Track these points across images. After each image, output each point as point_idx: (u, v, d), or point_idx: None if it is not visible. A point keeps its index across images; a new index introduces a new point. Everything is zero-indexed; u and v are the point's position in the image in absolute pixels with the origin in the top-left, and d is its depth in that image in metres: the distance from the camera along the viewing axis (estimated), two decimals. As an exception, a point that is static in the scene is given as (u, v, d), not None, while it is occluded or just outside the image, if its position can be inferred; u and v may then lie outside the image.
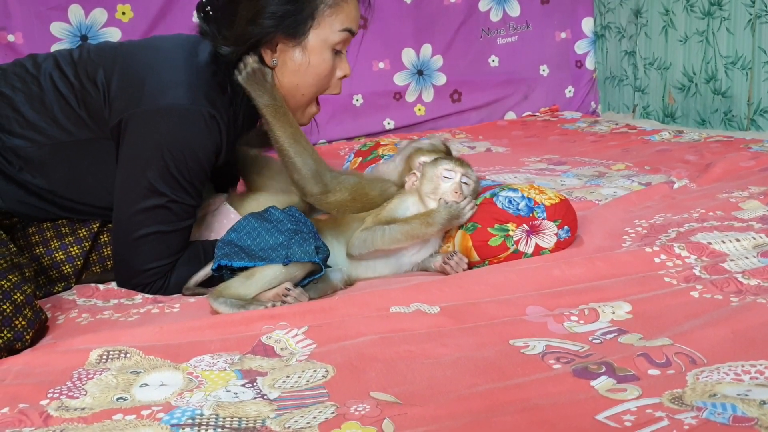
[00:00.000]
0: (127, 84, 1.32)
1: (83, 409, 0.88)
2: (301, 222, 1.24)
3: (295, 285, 1.21)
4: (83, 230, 1.43)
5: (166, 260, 1.34)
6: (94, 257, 1.44)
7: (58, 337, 1.17)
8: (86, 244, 1.42)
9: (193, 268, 1.34)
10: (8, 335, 1.08)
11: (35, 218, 1.39)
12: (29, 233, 1.39)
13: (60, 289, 1.40)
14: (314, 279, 1.23)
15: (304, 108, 1.46)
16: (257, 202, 1.45)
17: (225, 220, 1.46)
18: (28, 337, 1.11)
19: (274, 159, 1.50)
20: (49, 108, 1.34)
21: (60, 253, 1.40)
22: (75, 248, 1.42)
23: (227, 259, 1.21)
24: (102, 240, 1.45)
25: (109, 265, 1.46)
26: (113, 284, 1.41)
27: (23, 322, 1.10)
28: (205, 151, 1.32)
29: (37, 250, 1.39)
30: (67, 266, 1.41)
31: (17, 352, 1.10)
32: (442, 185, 1.31)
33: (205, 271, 1.32)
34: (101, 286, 1.40)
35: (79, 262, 1.41)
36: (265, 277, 1.20)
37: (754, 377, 0.84)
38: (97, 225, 1.44)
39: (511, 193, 1.34)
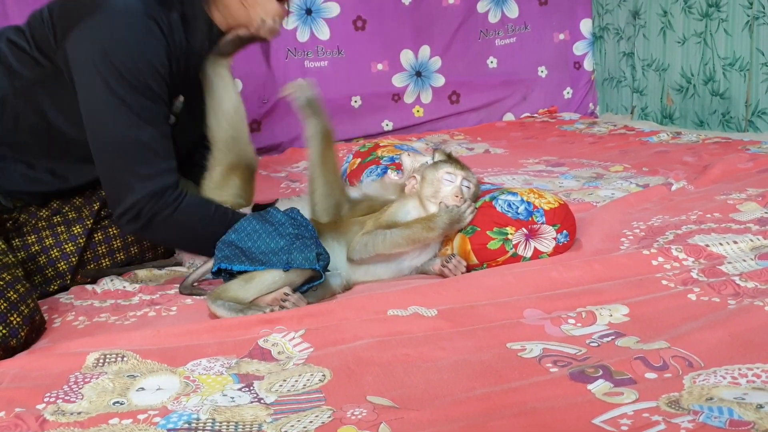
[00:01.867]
0: (67, 7, 1.32)
1: (80, 413, 0.87)
2: (303, 226, 1.24)
3: (294, 290, 1.20)
4: (77, 227, 1.44)
5: (159, 163, 1.28)
6: (89, 255, 1.45)
7: (55, 340, 1.17)
8: (80, 240, 1.44)
9: (203, 208, 1.31)
10: (3, 331, 1.08)
11: (19, 193, 1.39)
12: (24, 232, 1.40)
13: (56, 287, 1.42)
14: (313, 286, 1.23)
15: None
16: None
17: None
18: (23, 333, 1.11)
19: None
20: (5, 61, 1.34)
21: (55, 251, 1.42)
22: (69, 245, 1.43)
23: (227, 262, 1.20)
24: (96, 238, 1.46)
25: (104, 263, 1.47)
26: (109, 285, 1.41)
27: (18, 319, 1.11)
28: (152, 51, 1.29)
29: (33, 249, 1.40)
30: (62, 263, 1.42)
31: (13, 350, 1.10)
32: (443, 189, 1.31)
33: (204, 270, 1.32)
34: (98, 288, 1.40)
35: (74, 259, 1.42)
36: (265, 281, 1.19)
37: (751, 380, 0.84)
38: (91, 222, 1.45)
39: (510, 197, 1.34)
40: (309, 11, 3.13)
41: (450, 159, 1.37)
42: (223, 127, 1.42)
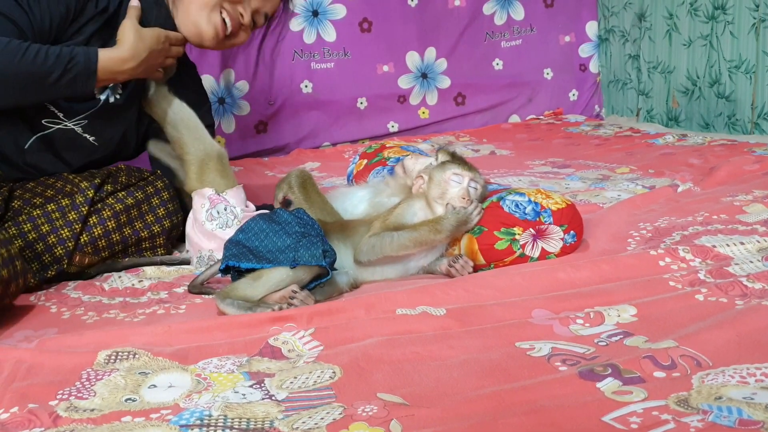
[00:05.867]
0: None
1: (92, 410, 0.88)
2: (309, 225, 1.25)
3: (302, 288, 1.21)
4: (73, 213, 1.46)
5: None
6: (85, 238, 1.47)
7: (64, 331, 1.18)
8: (76, 226, 1.46)
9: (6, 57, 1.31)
10: None
11: None
12: (20, 221, 1.42)
13: (53, 273, 1.44)
14: (321, 283, 1.24)
15: (208, 11, 1.54)
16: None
17: (195, 204, 1.55)
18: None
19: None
20: None
21: (52, 237, 1.44)
22: (66, 230, 1.45)
23: (235, 260, 1.21)
24: (91, 221, 1.48)
25: (100, 245, 1.49)
26: (117, 283, 1.43)
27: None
28: None
29: (30, 237, 1.42)
30: (59, 248, 1.44)
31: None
32: (450, 190, 1.32)
33: (212, 271, 1.33)
34: (106, 285, 1.41)
35: (70, 244, 1.45)
36: (272, 279, 1.20)
37: (760, 380, 0.85)
38: (86, 209, 1.47)
39: (518, 197, 1.35)
40: (315, 13, 3.15)
41: (455, 159, 1.37)
42: (182, 132, 1.58)
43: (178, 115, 1.59)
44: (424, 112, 3.36)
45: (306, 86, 3.16)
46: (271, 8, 1.64)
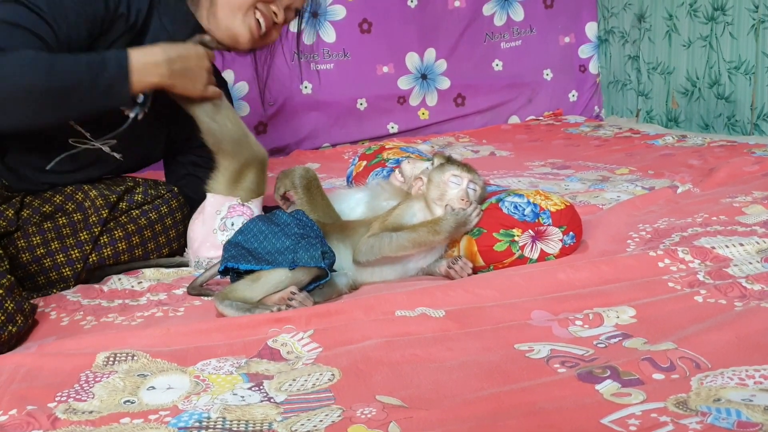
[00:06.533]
0: None
1: (91, 412, 0.88)
2: (308, 226, 1.25)
3: (301, 289, 1.21)
4: (84, 233, 1.44)
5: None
6: (94, 258, 1.45)
7: (63, 337, 1.17)
8: (87, 247, 1.43)
9: (31, 73, 1.22)
10: (2, 318, 1.11)
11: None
12: (30, 233, 1.40)
13: (58, 291, 1.42)
14: (320, 284, 1.24)
15: (243, 14, 1.48)
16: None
17: (208, 207, 1.52)
18: (19, 319, 1.14)
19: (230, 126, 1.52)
20: None
21: (61, 256, 1.42)
22: (76, 251, 1.43)
23: (234, 262, 1.21)
24: (102, 241, 1.46)
25: (109, 263, 1.48)
26: (117, 285, 1.42)
27: (12, 305, 1.14)
28: None
29: (38, 252, 1.40)
30: (67, 269, 1.42)
31: (12, 337, 1.13)
32: (449, 191, 1.32)
33: (211, 272, 1.33)
34: (105, 288, 1.41)
35: (79, 266, 1.43)
36: (271, 280, 1.20)
37: (759, 382, 0.85)
38: (99, 229, 1.45)
39: (516, 199, 1.35)
40: (315, 14, 3.14)
41: (450, 162, 1.37)
42: (228, 133, 1.49)
43: (225, 125, 1.51)
44: (423, 113, 3.37)
45: (306, 87, 3.16)
46: (302, 2, 1.58)
